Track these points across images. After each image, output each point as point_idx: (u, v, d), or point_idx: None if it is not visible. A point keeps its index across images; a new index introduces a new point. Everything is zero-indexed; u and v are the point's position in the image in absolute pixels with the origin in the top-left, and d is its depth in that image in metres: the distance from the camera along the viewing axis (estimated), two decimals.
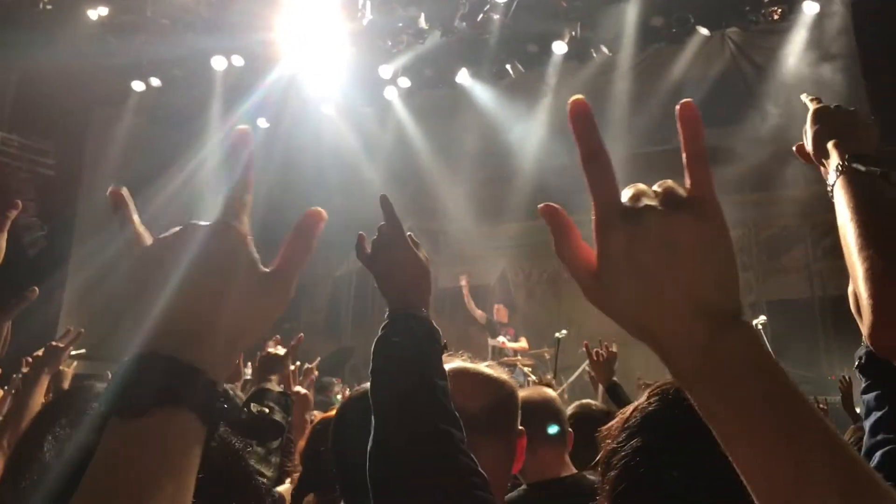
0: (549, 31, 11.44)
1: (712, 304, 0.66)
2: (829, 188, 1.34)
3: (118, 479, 0.65)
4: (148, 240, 0.79)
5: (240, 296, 0.74)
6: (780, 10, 10.64)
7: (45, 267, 11.46)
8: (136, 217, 0.81)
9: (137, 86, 12.96)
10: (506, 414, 1.84)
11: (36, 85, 12.50)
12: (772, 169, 10.64)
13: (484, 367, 1.95)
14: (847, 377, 5.23)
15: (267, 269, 0.78)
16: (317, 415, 3.67)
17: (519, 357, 10.28)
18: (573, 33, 11.41)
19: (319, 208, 0.87)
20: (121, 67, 12.36)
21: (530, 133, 12.82)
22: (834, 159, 1.34)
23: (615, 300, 0.70)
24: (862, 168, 1.28)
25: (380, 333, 1.55)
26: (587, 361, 4.44)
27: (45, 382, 2.87)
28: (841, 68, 10.68)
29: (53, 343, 3.13)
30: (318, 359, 4.51)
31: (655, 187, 0.74)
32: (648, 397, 1.28)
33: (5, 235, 1.89)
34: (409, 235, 1.71)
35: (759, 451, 0.62)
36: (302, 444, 2.57)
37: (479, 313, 10.95)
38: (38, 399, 2.78)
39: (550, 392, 2.76)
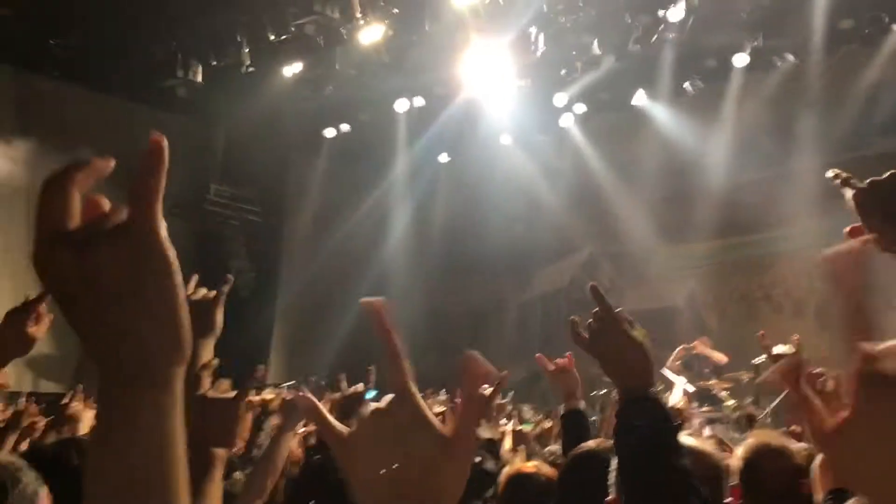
0: (728, 44, 11.11)
1: None
2: None
3: None
4: (341, 429, 0.84)
5: (432, 467, 0.79)
6: None
7: (256, 304, 12.51)
8: (327, 418, 0.85)
9: (329, 132, 13.92)
10: (712, 487, 1.87)
11: (241, 138, 13.74)
12: None
13: (686, 437, 1.99)
14: None
15: (446, 433, 0.80)
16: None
17: (714, 381, 9.91)
18: (755, 43, 11.00)
19: (482, 365, 0.85)
20: (313, 116, 13.35)
21: (714, 149, 12.43)
22: None
23: (854, 460, 0.70)
24: None
25: (619, 420, 1.64)
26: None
27: (290, 438, 3.15)
28: None
29: (290, 398, 3.40)
30: (512, 392, 4.53)
31: None
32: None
33: (222, 309, 2.01)
34: (620, 311, 1.76)
35: None
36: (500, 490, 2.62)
37: (676, 365, 10.40)
38: (286, 450, 3.06)
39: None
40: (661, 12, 10.42)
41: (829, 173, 1.48)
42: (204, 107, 12.87)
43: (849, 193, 1.39)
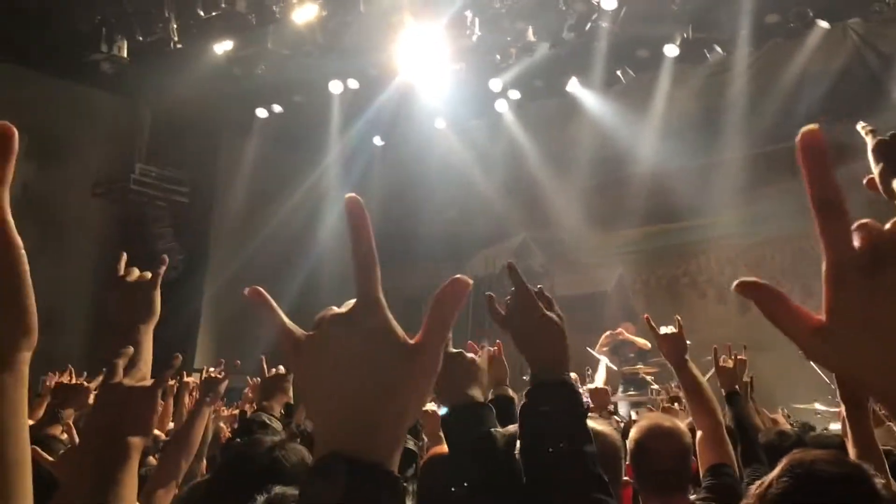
0: (659, 35, 11.29)
1: None
2: None
3: None
4: (296, 331, 0.79)
5: (396, 380, 0.75)
6: None
7: (184, 288, 12.21)
8: (280, 313, 0.79)
9: (261, 113, 13.64)
10: (608, 467, 1.91)
11: (169, 118, 13.38)
12: None
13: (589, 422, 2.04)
14: None
15: (411, 343, 0.76)
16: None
17: (640, 366, 10.15)
18: (685, 35, 11.22)
19: (463, 278, 0.78)
20: (245, 96, 13.07)
21: (644, 138, 12.67)
22: None
23: (845, 358, 0.66)
24: None
25: (525, 401, 1.63)
26: (713, 370, 4.31)
27: (206, 414, 3.08)
28: None
29: (212, 375, 3.36)
30: None
31: (890, 225, 0.66)
32: (780, 475, 1.31)
33: (158, 291, 1.95)
34: (541, 289, 1.74)
35: None
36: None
37: (603, 350, 10.54)
38: (201, 429, 3.00)
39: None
40: (594, 1, 10.52)
41: (859, 125, 1.57)
42: (130, 84, 12.47)
43: (871, 143, 1.48)
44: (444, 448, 3.05)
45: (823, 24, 10.68)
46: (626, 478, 1.99)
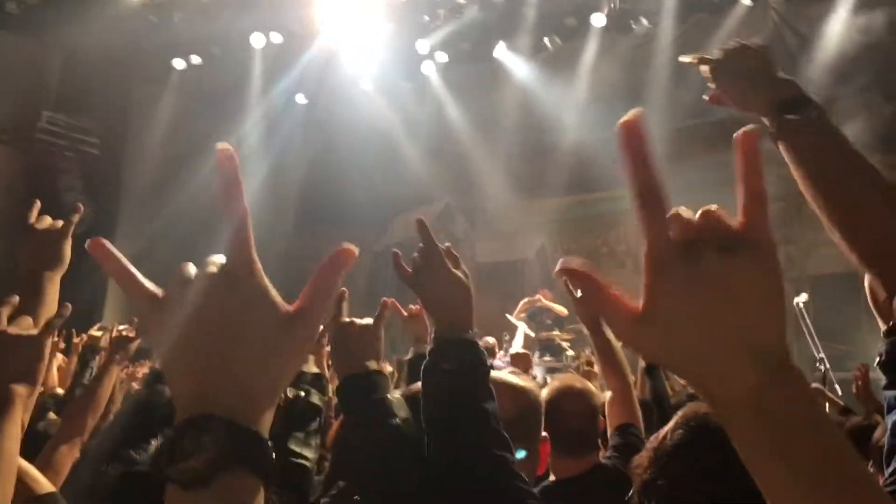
0: (587, 4, 11.33)
1: (765, 350, 0.64)
2: (774, 143, 1.33)
3: None
4: (151, 288, 0.75)
5: (272, 347, 0.71)
6: None
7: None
8: (129, 268, 0.76)
9: (178, 64, 13.13)
10: (530, 422, 1.93)
11: (80, 65, 12.75)
12: None
13: (508, 374, 2.06)
14: (865, 365, 4.98)
15: (289, 310, 0.72)
16: None
17: (557, 333, 10.29)
18: (612, 5, 11.28)
19: (349, 247, 0.76)
20: (161, 46, 12.54)
21: (569, 107, 12.73)
22: (766, 121, 1.32)
23: (662, 342, 0.67)
24: (795, 117, 1.28)
25: (428, 359, 1.62)
26: None
27: (115, 372, 3.04)
28: (890, 32, 10.39)
29: (123, 333, 3.29)
30: None
31: (699, 216, 0.68)
32: (674, 427, 1.32)
33: (69, 241, 1.91)
34: (448, 248, 1.74)
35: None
36: (332, 432, 2.64)
37: (521, 316, 10.65)
38: (109, 387, 2.96)
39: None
40: None
41: (684, 58, 1.63)
42: (38, 26, 11.81)
43: (705, 68, 1.54)
44: None
45: (746, 0, 10.88)
46: (544, 433, 2.01)
